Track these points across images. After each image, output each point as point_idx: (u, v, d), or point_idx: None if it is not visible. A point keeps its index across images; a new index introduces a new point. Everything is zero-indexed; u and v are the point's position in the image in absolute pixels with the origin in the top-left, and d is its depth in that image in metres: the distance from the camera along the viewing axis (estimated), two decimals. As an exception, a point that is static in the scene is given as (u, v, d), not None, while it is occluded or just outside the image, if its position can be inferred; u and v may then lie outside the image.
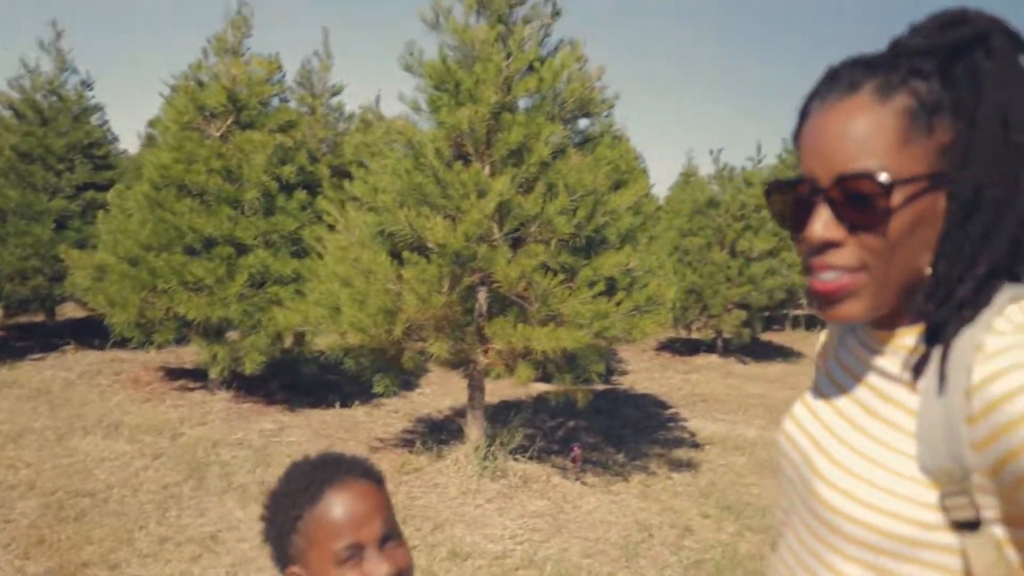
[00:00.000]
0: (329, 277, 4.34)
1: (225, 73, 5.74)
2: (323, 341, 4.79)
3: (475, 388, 4.72)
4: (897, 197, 0.72)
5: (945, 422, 0.73)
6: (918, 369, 0.77)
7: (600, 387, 7.27)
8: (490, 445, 4.70)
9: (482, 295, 4.42)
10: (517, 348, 4.14)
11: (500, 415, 5.52)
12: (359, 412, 6.01)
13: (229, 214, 5.56)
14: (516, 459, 4.80)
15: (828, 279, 0.76)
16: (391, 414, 6.06)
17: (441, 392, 6.83)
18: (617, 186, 4.40)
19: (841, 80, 0.77)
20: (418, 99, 4.45)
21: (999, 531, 0.72)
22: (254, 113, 5.85)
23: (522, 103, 4.46)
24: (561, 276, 3.99)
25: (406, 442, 5.29)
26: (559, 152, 4.24)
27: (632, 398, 6.98)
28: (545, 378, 5.10)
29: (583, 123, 4.71)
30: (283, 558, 1.08)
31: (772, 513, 4.49)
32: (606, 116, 4.71)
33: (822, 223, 0.75)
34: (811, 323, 11.89)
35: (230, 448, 4.92)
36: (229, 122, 5.82)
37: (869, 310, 0.76)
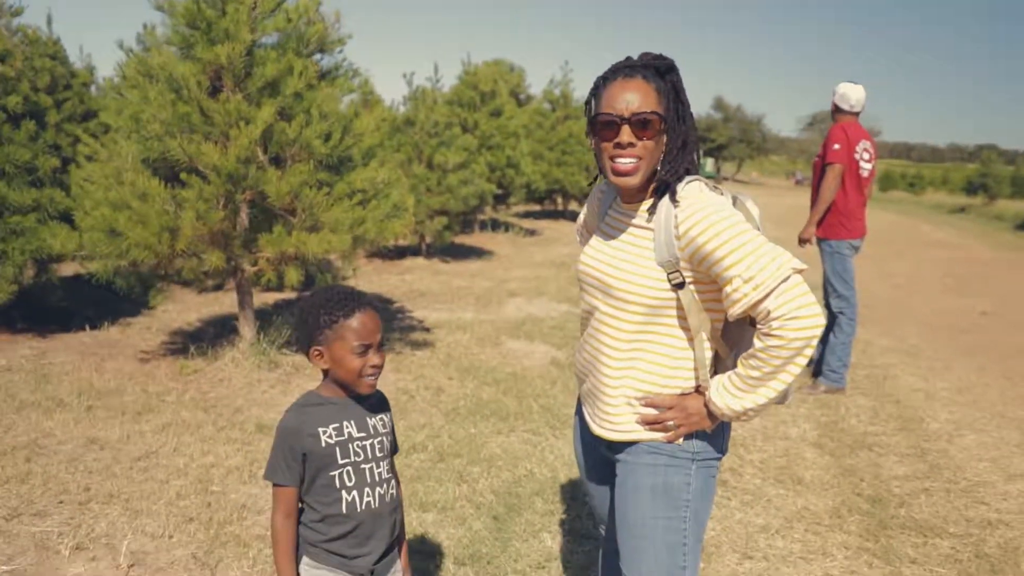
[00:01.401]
0: (98, 203, 4.69)
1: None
2: (79, 266, 5.06)
3: (244, 293, 5.37)
4: (657, 126, 1.75)
5: (666, 240, 1.79)
6: (652, 214, 1.82)
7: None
8: (261, 342, 5.41)
9: (244, 211, 5.05)
10: (288, 253, 4.87)
11: (266, 317, 6.15)
12: (112, 332, 6.30)
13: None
14: (284, 353, 5.55)
15: (625, 163, 1.77)
16: (145, 330, 6.42)
17: (181, 309, 7.24)
18: (357, 113, 5.20)
19: (621, 71, 1.79)
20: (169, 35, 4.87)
21: (692, 287, 1.80)
22: (-34, 41, 5.73)
23: (269, 40, 5.05)
24: (325, 190, 4.77)
25: (173, 351, 5.78)
26: (310, 84, 4.93)
27: (360, 299, 7.89)
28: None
29: (321, 58, 5.41)
30: (308, 341, 1.91)
31: (498, 371, 5.73)
32: (339, 52, 5.43)
33: (626, 135, 1.76)
34: (495, 226, 13.49)
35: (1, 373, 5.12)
36: (-63, 50, 5.65)
37: (640, 180, 1.80)
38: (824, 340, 5.70)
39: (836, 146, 5.49)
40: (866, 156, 5.61)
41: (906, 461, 4.53)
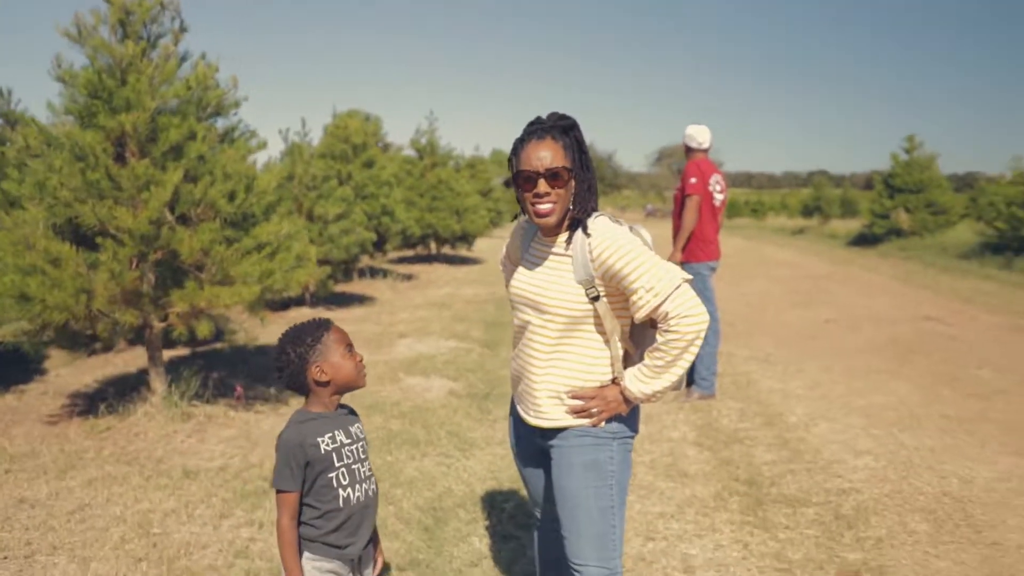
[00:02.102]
0: (7, 269, 4.80)
1: None
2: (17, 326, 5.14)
3: (154, 349, 5.54)
4: (566, 177, 2.26)
5: (583, 263, 2.28)
6: (568, 244, 2.32)
7: (220, 345, 8.24)
8: (172, 395, 5.58)
9: (151, 269, 5.25)
10: (200, 307, 5.11)
11: (172, 371, 6.26)
12: (8, 399, 6.26)
13: None
14: (194, 404, 5.73)
15: (544, 207, 2.27)
16: (42, 395, 6.41)
17: (73, 372, 7.22)
18: (257, 172, 5.52)
19: (535, 132, 2.29)
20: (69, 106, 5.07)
21: (605, 299, 2.30)
22: None
23: (168, 106, 5.32)
24: (234, 245, 5.06)
25: (78, 412, 5.84)
26: (212, 147, 5.23)
27: (254, 351, 8.07)
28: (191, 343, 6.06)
29: (216, 120, 5.70)
30: (304, 366, 2.30)
31: (402, 405, 6.08)
32: (234, 114, 5.75)
33: (542, 186, 2.25)
34: (374, 273, 13.80)
35: (-97, 448, 5.08)
36: None
37: (557, 219, 2.29)
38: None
39: (692, 180, 6.24)
40: (718, 188, 6.38)
41: (772, 449, 5.21)
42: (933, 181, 19.82)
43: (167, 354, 7.57)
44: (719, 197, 6.40)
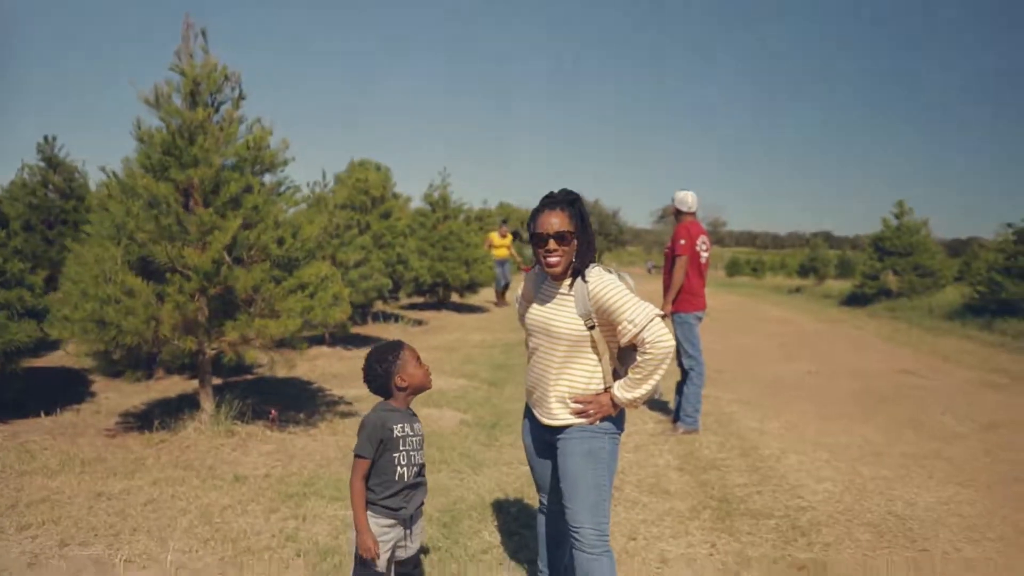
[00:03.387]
0: (89, 299, 5.60)
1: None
2: (61, 355, 5.90)
3: (205, 373, 6.32)
4: (570, 238, 3.07)
5: (582, 301, 3.08)
6: (571, 287, 3.13)
7: (250, 376, 9.00)
8: (220, 414, 6.34)
9: (206, 303, 6.04)
10: (249, 336, 5.90)
11: (218, 394, 7.01)
12: (67, 416, 7.02)
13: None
14: (237, 423, 6.48)
15: (553, 260, 3.08)
16: (95, 414, 7.17)
17: (120, 397, 7.97)
18: (304, 222, 6.35)
19: (548, 204, 3.11)
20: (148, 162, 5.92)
21: (598, 328, 3.09)
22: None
23: (228, 163, 6.18)
24: (282, 284, 5.87)
25: (131, 428, 6.59)
26: (266, 199, 6.07)
27: (281, 381, 8.82)
28: (218, 372, 6.83)
29: (264, 176, 6.55)
30: (388, 378, 3.10)
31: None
32: (281, 171, 6.59)
33: (552, 244, 3.07)
34: (386, 317, 14.60)
35: (-14, 452, 5.83)
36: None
37: (562, 270, 3.11)
38: (680, 392, 7.17)
39: (682, 241, 7.07)
40: (704, 247, 7.21)
41: (745, 475, 5.94)
42: (922, 245, 20.70)
43: (197, 383, 8.35)
44: (705, 255, 7.22)
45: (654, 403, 8.24)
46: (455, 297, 18.32)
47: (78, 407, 7.40)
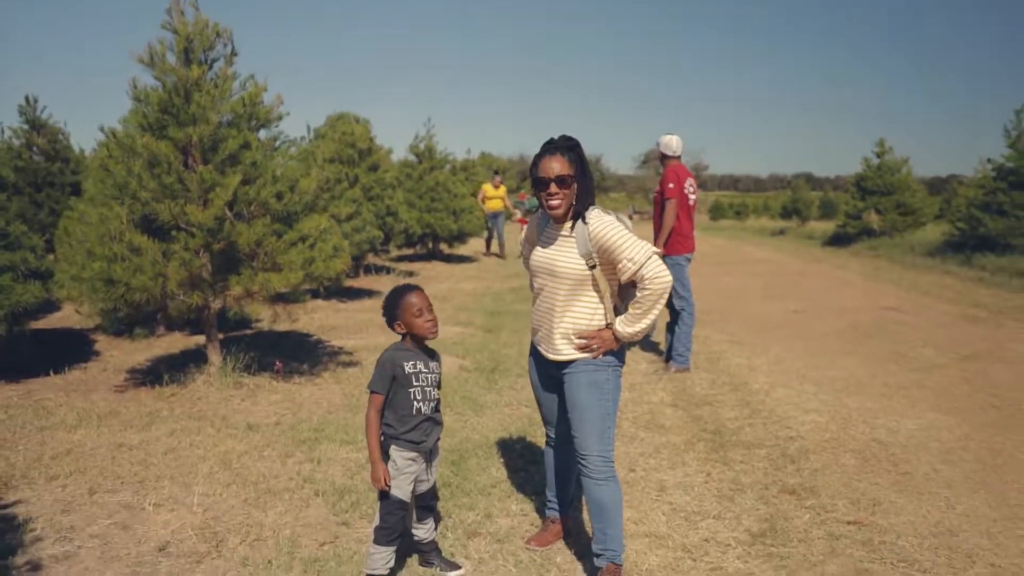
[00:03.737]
0: (96, 258, 5.72)
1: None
2: (63, 315, 6.04)
3: (211, 327, 6.49)
4: (570, 182, 3.24)
5: (583, 242, 3.27)
6: (572, 229, 3.31)
7: (250, 331, 9.17)
8: (227, 367, 6.52)
9: (210, 259, 6.18)
10: (253, 290, 6.06)
11: (224, 347, 7.19)
12: (75, 374, 7.19)
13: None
14: (244, 375, 6.67)
15: (554, 203, 3.26)
16: (103, 371, 7.33)
17: (124, 354, 8.13)
18: (300, 175, 6.47)
19: (548, 149, 3.28)
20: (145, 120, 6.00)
21: (599, 267, 3.28)
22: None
23: (224, 119, 6.26)
24: (283, 238, 6.01)
25: (140, 383, 6.76)
26: (264, 154, 6.17)
27: (281, 335, 9.00)
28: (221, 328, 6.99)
29: (260, 131, 6.64)
30: (391, 322, 3.30)
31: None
32: (276, 126, 6.68)
33: (553, 188, 3.24)
34: (378, 270, 14.74)
35: (5, 409, 6.00)
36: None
37: (563, 212, 3.28)
38: (671, 332, 7.41)
39: (671, 185, 7.24)
40: (691, 190, 7.38)
41: (735, 409, 6.20)
42: (903, 184, 20.95)
43: (199, 339, 8.52)
44: (692, 198, 7.40)
45: (647, 344, 8.49)
46: (444, 248, 18.45)
47: (85, 365, 7.56)
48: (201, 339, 8.48)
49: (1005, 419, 5.98)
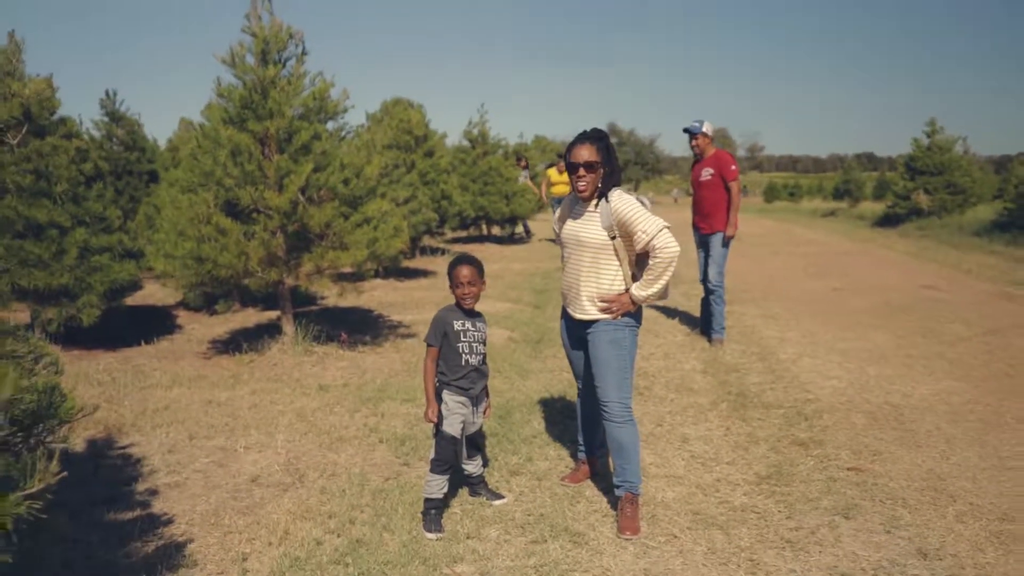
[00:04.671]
0: (188, 239, 6.49)
1: (20, 91, 7.22)
2: (147, 293, 6.83)
3: (285, 301, 7.24)
4: (597, 167, 3.85)
5: (606, 217, 3.87)
6: (596, 207, 3.91)
7: (315, 308, 9.94)
8: (299, 337, 7.27)
9: (285, 239, 6.91)
10: (323, 267, 6.77)
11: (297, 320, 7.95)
12: (163, 345, 8.03)
13: (46, 204, 7.18)
14: (314, 344, 7.42)
15: (582, 185, 3.87)
16: (187, 342, 8.17)
17: (202, 328, 8.97)
18: (365, 162, 7.16)
19: (580, 139, 3.89)
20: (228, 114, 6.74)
21: (619, 238, 3.88)
22: (45, 124, 7.42)
23: (296, 112, 6.97)
24: (350, 220, 6.71)
25: (221, 352, 7.56)
26: (333, 144, 6.88)
27: (344, 310, 9.75)
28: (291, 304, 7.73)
29: (327, 122, 7.34)
30: (449, 284, 3.96)
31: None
32: (342, 118, 7.38)
33: (582, 172, 3.85)
34: (432, 251, 15.48)
35: (109, 373, 6.83)
36: (24, 131, 7.33)
37: (590, 193, 3.89)
38: (710, 312, 7.92)
39: (733, 167, 7.75)
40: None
41: (761, 376, 6.74)
42: (954, 163, 20.93)
43: (270, 314, 9.32)
44: (737, 181, 7.93)
45: (683, 318, 9.03)
46: (496, 230, 19.11)
47: (171, 337, 8.40)
48: (272, 314, 9.30)
49: (1016, 386, 6.40)
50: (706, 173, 7.88)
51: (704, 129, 7.90)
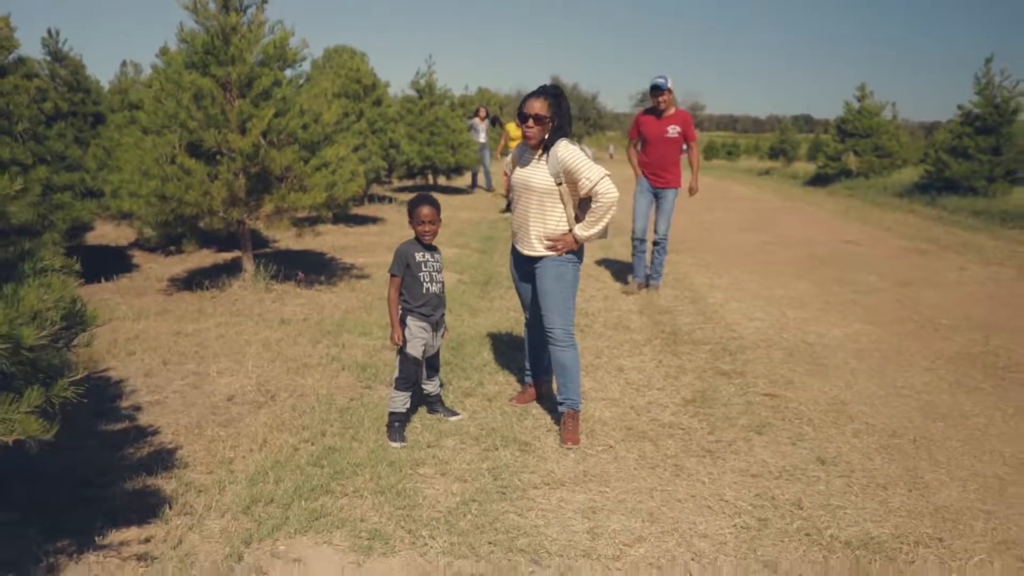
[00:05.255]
0: (151, 177, 6.75)
1: (-23, 31, 7.30)
2: (100, 234, 7.09)
3: (246, 240, 7.55)
4: (546, 120, 4.29)
5: (553, 164, 4.32)
6: (545, 155, 4.36)
7: (269, 250, 10.23)
8: (259, 275, 7.61)
9: (244, 180, 7.21)
10: (283, 208, 7.10)
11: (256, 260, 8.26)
12: (123, 282, 8.28)
13: (7, 142, 7.33)
14: (273, 282, 7.76)
15: (531, 134, 4.31)
16: (145, 280, 8.42)
17: (160, 267, 9.21)
18: (322, 109, 7.46)
19: (536, 92, 4.31)
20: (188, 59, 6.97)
21: (564, 184, 4.33)
22: (3, 64, 7.52)
23: (256, 59, 7.22)
24: (309, 163, 7.03)
25: (182, 289, 7.86)
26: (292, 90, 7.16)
27: (298, 253, 10.07)
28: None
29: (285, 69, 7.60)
30: (409, 220, 4.39)
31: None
32: (299, 65, 7.64)
33: (531, 122, 4.28)
34: (380, 199, 15.76)
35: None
36: (-18, 70, 7.43)
37: (537, 142, 4.34)
38: (653, 262, 8.45)
39: (694, 127, 8.16)
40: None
41: (692, 317, 7.33)
42: (881, 127, 21.90)
43: (226, 255, 9.59)
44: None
45: (624, 266, 9.58)
46: (442, 180, 19.43)
47: (130, 275, 8.64)
48: (227, 255, 9.58)
49: (918, 329, 7.11)
50: (672, 131, 8.02)
51: (669, 85, 8.04)
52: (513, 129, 19.72)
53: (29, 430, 2.25)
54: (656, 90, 7.98)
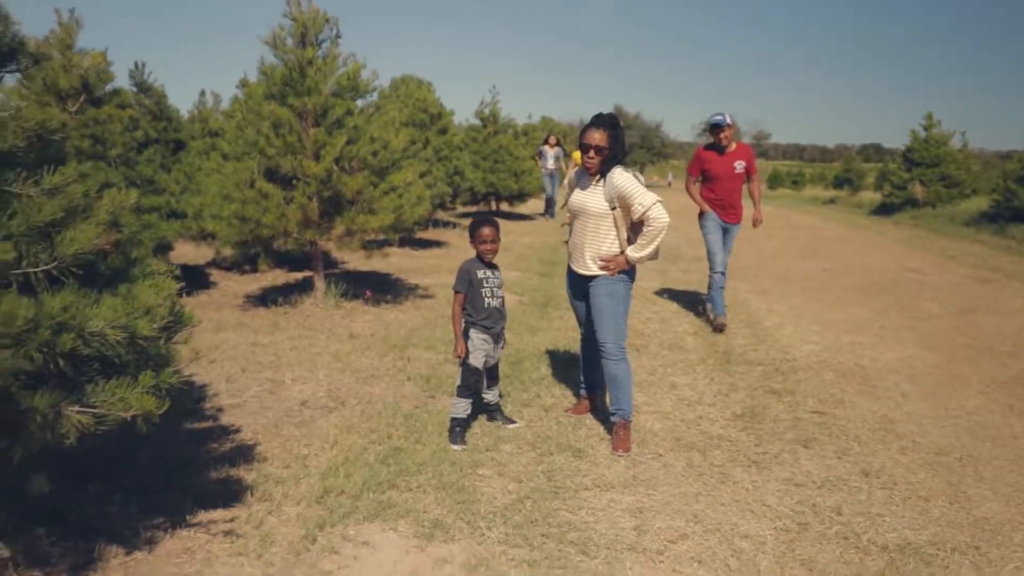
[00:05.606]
0: (232, 201, 7.23)
1: (79, 64, 7.93)
2: (179, 253, 7.57)
3: (318, 260, 7.98)
4: (605, 150, 4.58)
5: (608, 190, 4.60)
6: (602, 181, 4.65)
7: (338, 271, 10.70)
8: (329, 292, 8.03)
9: (320, 204, 7.64)
10: (353, 229, 7.51)
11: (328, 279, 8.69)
12: (202, 298, 8.78)
13: (102, 167, 7.91)
14: (343, 299, 8.17)
15: (591, 163, 4.60)
16: (222, 296, 8.92)
17: (235, 286, 9.72)
18: (392, 136, 7.88)
19: (593, 123, 4.61)
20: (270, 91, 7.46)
21: (618, 208, 4.61)
22: (100, 94, 8.14)
23: (330, 90, 7.68)
24: (379, 188, 7.44)
25: (258, 305, 8.32)
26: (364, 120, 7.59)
27: (366, 274, 10.50)
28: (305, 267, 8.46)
29: (356, 99, 8.05)
30: (471, 240, 4.71)
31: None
32: (370, 96, 8.09)
33: (592, 153, 4.57)
34: (444, 224, 16.22)
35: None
36: (82, 100, 8.05)
37: (596, 170, 4.62)
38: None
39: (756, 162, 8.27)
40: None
41: (746, 339, 7.48)
42: (948, 156, 21.61)
43: (297, 275, 10.07)
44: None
45: (679, 291, 9.75)
46: (505, 206, 19.85)
47: (208, 292, 9.16)
48: (298, 275, 10.07)
49: (975, 355, 7.15)
50: (739, 166, 7.95)
51: (729, 120, 7.96)
52: (579, 157, 20.10)
53: (146, 406, 2.61)
54: (716, 128, 7.90)
